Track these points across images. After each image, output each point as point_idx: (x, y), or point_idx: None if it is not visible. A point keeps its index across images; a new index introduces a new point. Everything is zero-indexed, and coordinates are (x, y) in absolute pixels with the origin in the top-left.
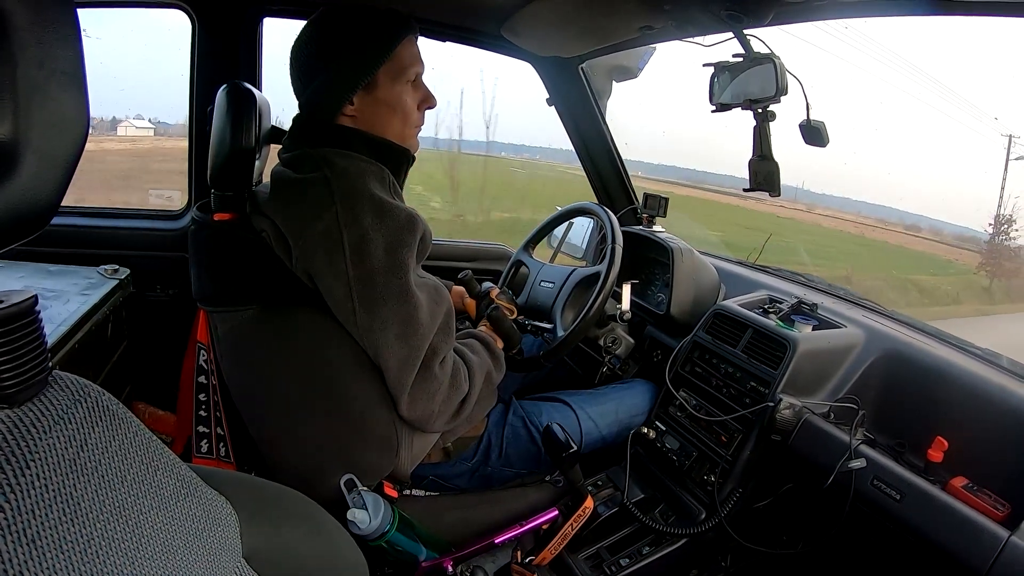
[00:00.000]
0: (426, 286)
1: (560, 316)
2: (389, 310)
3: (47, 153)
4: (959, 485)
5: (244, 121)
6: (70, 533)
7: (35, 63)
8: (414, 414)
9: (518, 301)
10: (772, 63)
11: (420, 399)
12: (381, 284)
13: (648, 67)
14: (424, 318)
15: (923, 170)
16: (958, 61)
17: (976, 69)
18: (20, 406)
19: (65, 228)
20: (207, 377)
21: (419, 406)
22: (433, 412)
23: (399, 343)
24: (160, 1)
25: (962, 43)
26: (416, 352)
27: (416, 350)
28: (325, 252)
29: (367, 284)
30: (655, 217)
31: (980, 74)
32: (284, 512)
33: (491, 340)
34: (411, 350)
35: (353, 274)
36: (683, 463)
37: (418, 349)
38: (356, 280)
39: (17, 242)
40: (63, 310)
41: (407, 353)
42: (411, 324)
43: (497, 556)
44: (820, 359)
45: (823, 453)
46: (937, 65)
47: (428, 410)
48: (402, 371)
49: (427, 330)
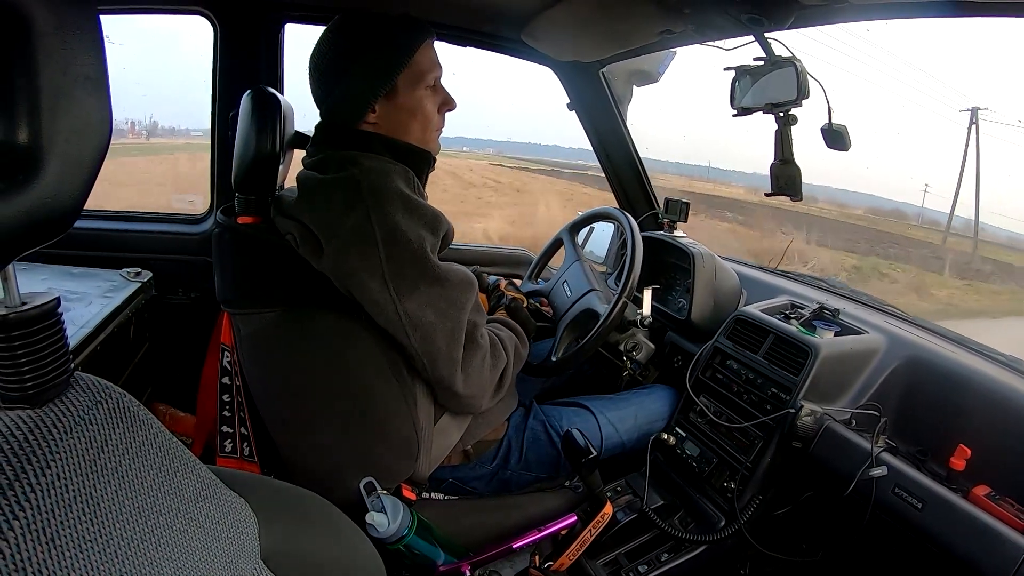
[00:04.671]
0: (451, 267)
1: (560, 336)
2: (425, 292)
3: (71, 157)
4: (982, 494)
5: (268, 126)
6: (89, 533)
7: (59, 69)
8: (470, 389)
9: (543, 289)
10: (793, 66)
11: (473, 373)
12: (414, 271)
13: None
14: (458, 295)
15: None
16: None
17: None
18: (42, 406)
19: (88, 231)
20: (231, 378)
21: (473, 380)
22: (485, 384)
23: (441, 320)
24: (182, 8)
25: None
26: (459, 325)
27: (459, 323)
28: (358, 248)
29: (401, 274)
30: (676, 222)
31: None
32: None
33: (509, 320)
34: (454, 323)
35: (387, 267)
36: (703, 469)
37: (460, 322)
38: (390, 271)
39: (40, 245)
40: (85, 312)
41: (451, 327)
42: (447, 300)
43: (515, 561)
44: (842, 365)
45: (844, 460)
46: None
47: (482, 382)
48: (451, 347)
49: (463, 303)
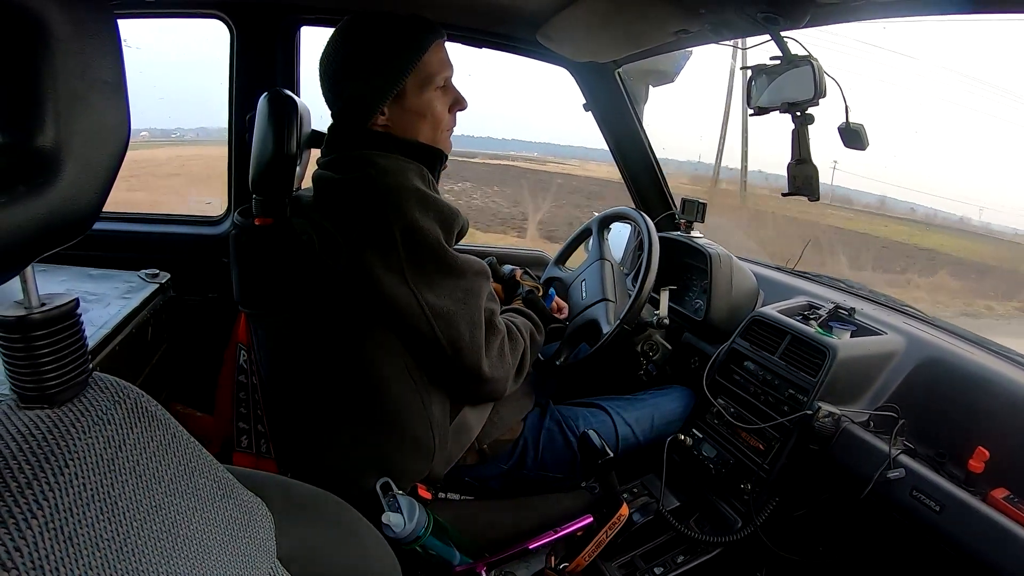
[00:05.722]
0: (466, 259)
1: (564, 342)
2: (444, 284)
3: (89, 161)
4: (1000, 497)
5: (285, 127)
6: (107, 532)
7: (76, 73)
8: (495, 372)
9: (565, 279)
10: (810, 65)
11: (495, 356)
12: (433, 265)
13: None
14: (474, 284)
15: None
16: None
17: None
18: (61, 406)
19: (107, 233)
20: (247, 376)
21: (497, 364)
22: (508, 367)
23: (461, 308)
24: (199, 12)
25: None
26: (478, 312)
27: (477, 310)
28: (377, 246)
29: (421, 269)
30: (693, 223)
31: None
32: (318, 514)
33: (523, 308)
34: (473, 310)
35: (407, 263)
36: (719, 471)
37: (479, 309)
38: (410, 267)
39: (59, 247)
40: (104, 313)
41: (471, 314)
42: (464, 290)
43: (531, 562)
44: (860, 366)
45: (861, 462)
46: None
47: (504, 366)
48: (474, 332)
49: (479, 291)
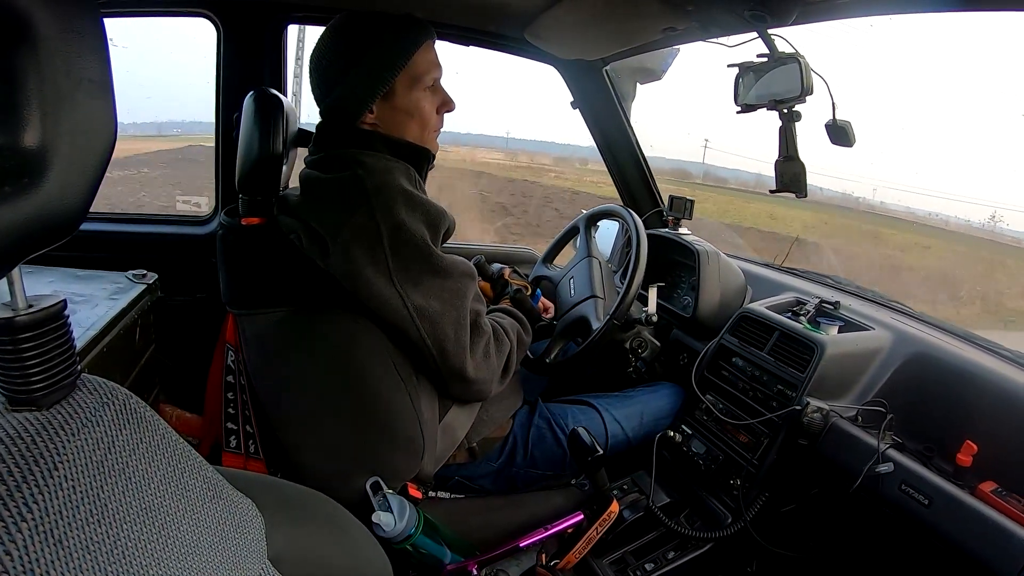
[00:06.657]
0: (452, 259)
1: (554, 339)
2: (431, 284)
3: (75, 160)
4: (988, 490)
5: (271, 127)
6: (97, 534)
7: (62, 71)
8: (480, 374)
9: (553, 277)
10: (797, 62)
11: (481, 358)
12: (419, 265)
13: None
14: (460, 285)
15: None
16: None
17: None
18: (49, 408)
19: (94, 233)
20: (235, 377)
21: (482, 365)
22: (493, 368)
23: (447, 309)
24: (185, 10)
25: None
26: (463, 312)
27: (463, 310)
28: (363, 245)
29: (407, 269)
30: (681, 219)
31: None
32: (309, 514)
33: (510, 308)
34: (459, 311)
35: (393, 263)
36: (709, 467)
37: (464, 309)
38: (396, 267)
39: (46, 248)
40: (91, 314)
41: (456, 314)
42: (450, 290)
43: (522, 559)
44: (848, 362)
45: (850, 457)
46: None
47: (490, 367)
48: (459, 333)
49: (465, 292)
